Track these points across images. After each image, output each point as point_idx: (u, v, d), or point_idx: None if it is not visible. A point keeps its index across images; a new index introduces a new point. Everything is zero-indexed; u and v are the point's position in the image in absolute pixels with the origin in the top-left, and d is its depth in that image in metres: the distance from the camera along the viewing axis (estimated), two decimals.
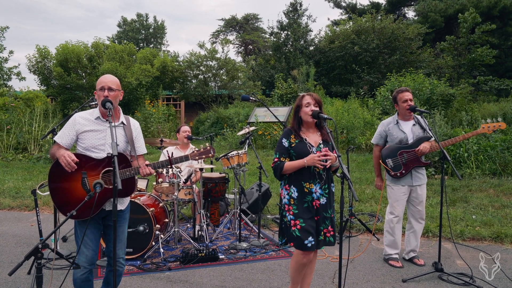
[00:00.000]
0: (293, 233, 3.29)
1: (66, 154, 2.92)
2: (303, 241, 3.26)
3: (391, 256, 4.73)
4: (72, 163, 2.91)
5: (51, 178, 3.08)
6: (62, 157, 2.92)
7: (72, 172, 2.96)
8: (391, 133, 4.63)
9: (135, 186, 3.18)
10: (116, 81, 3.21)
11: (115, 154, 2.76)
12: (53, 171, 3.06)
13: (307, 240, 3.26)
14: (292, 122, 3.48)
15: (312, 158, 3.21)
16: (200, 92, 19.15)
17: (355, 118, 13.02)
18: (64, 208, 3.07)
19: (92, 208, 2.94)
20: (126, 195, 3.20)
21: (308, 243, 3.25)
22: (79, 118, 3.17)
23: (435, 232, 5.70)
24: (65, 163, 2.91)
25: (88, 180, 3.04)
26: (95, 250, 3.15)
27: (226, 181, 5.90)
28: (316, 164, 3.21)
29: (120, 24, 38.63)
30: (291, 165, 3.30)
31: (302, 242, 3.26)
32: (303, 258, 3.37)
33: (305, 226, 3.27)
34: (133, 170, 3.09)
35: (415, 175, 4.59)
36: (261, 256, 4.94)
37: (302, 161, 3.24)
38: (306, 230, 3.26)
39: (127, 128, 3.25)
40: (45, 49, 16.27)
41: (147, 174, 3.10)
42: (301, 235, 3.27)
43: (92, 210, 2.95)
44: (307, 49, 22.43)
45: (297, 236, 3.27)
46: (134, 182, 3.17)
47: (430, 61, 21.01)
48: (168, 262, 4.68)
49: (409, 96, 4.54)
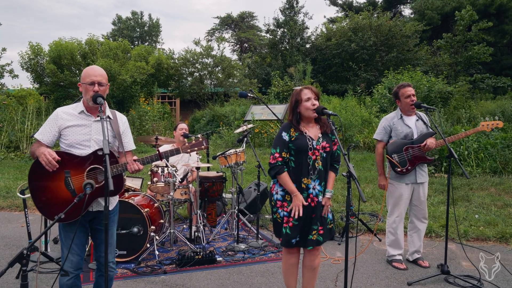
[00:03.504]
0: (284, 230, 3.19)
1: (46, 152, 2.71)
2: (291, 239, 3.18)
3: (394, 258, 4.58)
4: (53, 161, 2.70)
5: (31, 178, 2.86)
6: (42, 155, 2.71)
7: (54, 171, 2.76)
8: (396, 127, 4.46)
9: (123, 184, 2.97)
10: (105, 74, 3.01)
11: (107, 152, 2.57)
12: (33, 171, 2.85)
13: (295, 239, 3.18)
14: (290, 118, 3.30)
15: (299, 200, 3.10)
16: (195, 90, 18.92)
17: (353, 116, 12.87)
18: (46, 210, 2.86)
19: (82, 210, 2.73)
20: (115, 194, 3.00)
21: (293, 241, 3.18)
22: (62, 113, 2.95)
23: (438, 232, 5.56)
24: (45, 162, 2.70)
25: (72, 179, 2.84)
26: (80, 255, 2.96)
27: (224, 180, 5.72)
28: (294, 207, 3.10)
29: (115, 22, 38.34)
30: (286, 181, 3.15)
31: (289, 240, 3.18)
32: (290, 258, 3.31)
33: (297, 224, 3.16)
34: (120, 166, 2.88)
35: (419, 172, 4.43)
36: (260, 258, 4.77)
37: (295, 190, 3.12)
38: (297, 228, 3.17)
39: (113, 122, 3.04)
40: (38, 45, 15.98)
41: (135, 170, 2.88)
42: (291, 233, 3.17)
43: (81, 212, 2.74)
44: (303, 46, 22.28)
45: (286, 234, 3.18)
46: (122, 179, 2.96)
47: (427, 58, 20.95)
48: (164, 265, 4.49)
49: (411, 92, 4.38)
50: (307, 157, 3.14)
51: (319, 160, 3.16)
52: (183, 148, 3.09)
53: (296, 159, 3.18)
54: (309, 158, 3.14)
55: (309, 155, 3.14)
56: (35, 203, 2.87)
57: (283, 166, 3.17)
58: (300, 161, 3.15)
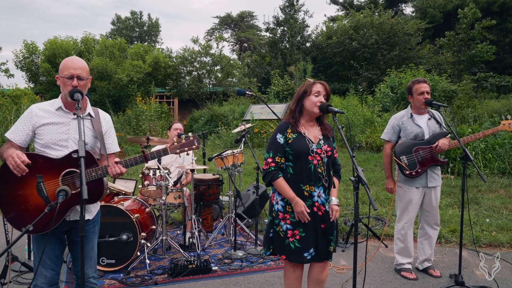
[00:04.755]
0: (290, 245, 2.80)
1: (14, 154, 2.38)
2: (303, 253, 2.79)
3: (403, 267, 4.25)
4: (22, 165, 2.37)
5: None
6: (10, 158, 2.38)
7: (24, 176, 2.43)
8: (405, 127, 4.13)
9: (103, 189, 2.63)
10: (86, 67, 2.68)
11: (82, 155, 2.24)
12: (1, 175, 2.51)
13: (307, 252, 2.80)
14: (292, 109, 2.95)
15: (300, 206, 2.75)
16: (194, 89, 18.58)
17: (355, 115, 12.54)
18: (16, 220, 2.52)
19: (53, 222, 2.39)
20: (93, 201, 2.66)
21: (308, 255, 2.80)
22: (37, 109, 2.62)
23: (448, 237, 5.23)
24: (13, 165, 2.38)
25: (45, 185, 2.51)
26: (55, 269, 2.63)
27: (220, 183, 5.39)
28: (299, 214, 2.76)
29: (114, 22, 37.99)
30: (282, 187, 2.80)
31: (301, 254, 2.79)
32: (295, 270, 2.94)
33: (306, 235, 2.80)
34: (100, 170, 2.55)
35: (430, 176, 4.10)
36: (259, 266, 4.45)
37: (294, 196, 2.76)
38: (308, 239, 2.79)
39: (95, 121, 2.71)
40: (32, 44, 15.66)
41: (117, 174, 2.55)
42: (302, 246, 2.79)
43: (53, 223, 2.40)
44: (304, 45, 21.93)
45: (296, 248, 2.79)
46: (103, 184, 2.61)
47: (430, 57, 20.60)
48: (155, 275, 4.16)
49: (426, 88, 4.05)
50: (307, 162, 2.80)
51: (321, 166, 2.82)
52: (171, 148, 2.76)
53: (294, 165, 2.83)
54: (310, 163, 2.80)
55: (309, 159, 2.80)
56: (3, 212, 2.54)
57: (277, 172, 2.82)
58: (300, 167, 2.81)
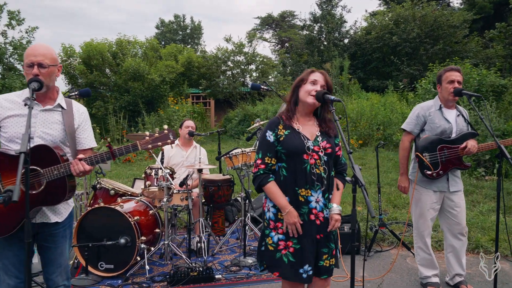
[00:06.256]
0: (282, 258, 2.39)
1: None
2: (298, 270, 2.36)
3: (429, 280, 3.71)
4: None
5: None
6: None
7: None
8: (432, 120, 3.57)
9: (66, 190, 2.36)
10: (50, 53, 2.41)
11: (23, 150, 1.97)
12: None
13: (302, 268, 2.36)
14: (287, 100, 2.56)
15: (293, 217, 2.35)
16: (228, 89, 18.42)
17: (392, 113, 11.84)
18: None
19: None
20: (57, 202, 2.40)
21: (303, 273, 2.36)
22: (3, 100, 2.42)
23: (487, 247, 4.59)
24: None
25: (3, 184, 2.29)
26: (19, 277, 2.39)
27: (232, 184, 5.04)
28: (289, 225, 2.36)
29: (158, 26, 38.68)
30: (273, 193, 2.41)
31: (296, 270, 2.36)
32: None
33: (300, 247, 2.38)
34: (62, 168, 2.30)
35: (452, 179, 3.57)
36: (267, 276, 4.06)
37: (287, 204, 2.36)
38: (302, 253, 2.37)
39: (66, 113, 2.47)
40: (70, 47, 16.08)
41: (81, 172, 2.30)
42: (296, 260, 2.37)
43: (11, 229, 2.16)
44: (341, 41, 21.20)
45: (290, 262, 2.37)
46: (65, 183, 2.36)
47: (478, 50, 19.23)
48: (154, 282, 3.89)
49: (457, 77, 3.49)
50: (302, 162, 2.40)
51: (319, 165, 2.41)
52: (142, 143, 2.44)
53: (288, 166, 2.44)
54: (306, 163, 2.39)
55: (304, 158, 2.40)
56: None
57: (268, 175, 2.44)
58: (294, 168, 2.41)
